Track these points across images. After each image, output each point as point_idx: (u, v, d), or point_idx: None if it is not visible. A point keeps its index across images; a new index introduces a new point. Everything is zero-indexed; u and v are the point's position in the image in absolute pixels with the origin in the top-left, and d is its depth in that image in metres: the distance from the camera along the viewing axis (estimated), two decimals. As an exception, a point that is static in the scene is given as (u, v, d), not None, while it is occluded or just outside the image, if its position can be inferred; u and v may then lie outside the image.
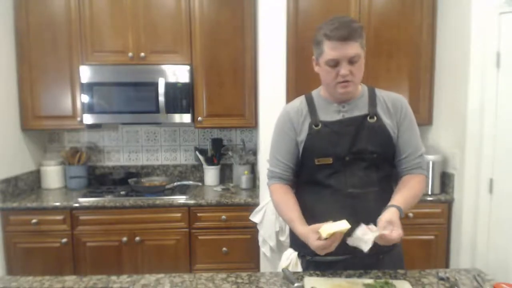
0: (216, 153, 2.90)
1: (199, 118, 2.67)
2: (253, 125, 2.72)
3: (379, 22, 2.57)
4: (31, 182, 2.74)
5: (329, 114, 1.37)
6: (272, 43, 2.31)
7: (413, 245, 2.39)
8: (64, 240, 2.37)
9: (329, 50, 1.26)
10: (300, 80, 2.56)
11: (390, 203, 1.24)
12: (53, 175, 2.78)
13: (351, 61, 1.26)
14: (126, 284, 1.21)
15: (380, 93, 1.41)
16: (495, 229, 2.21)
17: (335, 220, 1.21)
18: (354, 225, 1.20)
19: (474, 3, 2.20)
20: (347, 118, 1.35)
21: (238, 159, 2.88)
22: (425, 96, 2.63)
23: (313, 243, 1.16)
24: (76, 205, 2.38)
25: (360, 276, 1.25)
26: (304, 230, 1.22)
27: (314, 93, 1.45)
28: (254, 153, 2.95)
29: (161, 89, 2.53)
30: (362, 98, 1.38)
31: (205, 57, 2.63)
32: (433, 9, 2.57)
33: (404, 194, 1.29)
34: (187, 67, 2.58)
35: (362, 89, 1.41)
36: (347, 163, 1.32)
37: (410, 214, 2.38)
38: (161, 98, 2.53)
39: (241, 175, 2.76)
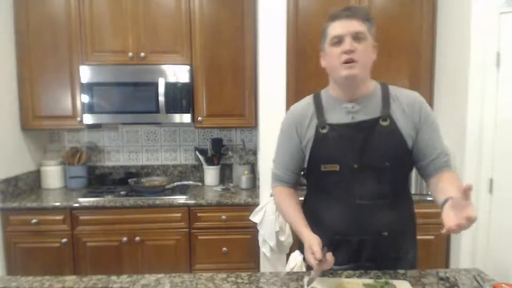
0: (216, 153, 2.90)
1: (199, 118, 2.67)
2: (253, 125, 2.72)
3: (379, 22, 2.54)
4: (31, 182, 2.74)
5: (337, 115, 1.26)
6: (272, 43, 2.31)
7: (413, 245, 2.39)
8: (64, 240, 2.37)
9: (332, 29, 1.21)
10: (300, 80, 2.56)
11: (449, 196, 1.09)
12: (53, 175, 2.78)
13: (356, 37, 1.18)
14: (126, 284, 1.21)
15: (395, 91, 1.29)
16: (495, 229, 2.21)
17: (341, 229, 1.26)
18: (360, 236, 1.25)
19: (474, 3, 2.20)
20: (357, 121, 1.24)
21: (238, 159, 2.87)
22: (425, 96, 2.58)
23: (315, 248, 1.12)
24: (76, 205, 2.38)
25: (360, 276, 1.25)
26: (310, 236, 1.19)
27: (323, 91, 1.35)
28: (254, 153, 2.95)
29: (161, 89, 2.53)
30: (375, 97, 1.27)
31: (205, 57, 2.63)
32: (433, 9, 2.57)
33: (456, 189, 1.12)
34: (187, 67, 2.58)
35: (375, 86, 1.29)
36: (356, 172, 1.22)
37: (410, 214, 2.38)
38: (161, 98, 2.53)
39: (241, 175, 2.76)
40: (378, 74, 2.57)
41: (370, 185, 1.23)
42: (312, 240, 1.15)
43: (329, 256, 1.14)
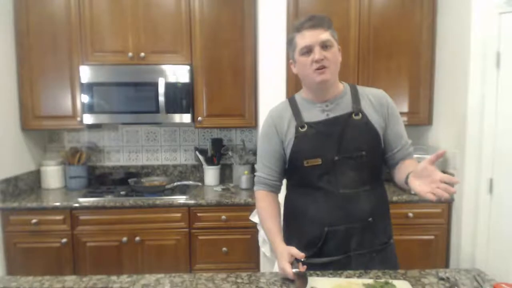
0: (216, 153, 2.90)
1: (199, 118, 2.67)
2: (253, 125, 2.72)
3: (379, 22, 2.57)
4: (31, 182, 2.74)
5: (313, 114, 1.36)
6: (272, 43, 2.31)
7: (413, 245, 2.39)
8: (64, 240, 2.37)
9: (301, 40, 1.30)
10: (300, 80, 2.56)
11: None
12: (53, 175, 2.78)
13: (324, 45, 1.28)
14: (126, 284, 1.21)
15: (363, 90, 1.40)
16: (495, 229, 2.21)
17: (329, 220, 1.30)
18: (348, 224, 1.30)
19: (474, 3, 2.20)
20: (332, 117, 1.34)
21: (238, 159, 2.87)
22: (425, 96, 2.63)
23: (285, 263, 1.20)
24: (76, 205, 2.38)
25: (360, 276, 1.25)
26: (282, 248, 1.25)
27: (297, 95, 1.45)
28: (254, 153, 2.95)
29: (161, 89, 2.53)
30: (346, 96, 1.38)
31: (205, 57, 2.63)
32: (433, 9, 2.57)
33: (416, 165, 1.24)
34: (187, 67, 2.58)
35: (344, 87, 1.40)
36: (337, 163, 1.30)
37: (410, 214, 2.38)
38: (161, 98, 2.53)
39: (241, 175, 2.76)
40: (379, 74, 2.60)
41: (351, 174, 1.31)
42: (285, 253, 1.22)
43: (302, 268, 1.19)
